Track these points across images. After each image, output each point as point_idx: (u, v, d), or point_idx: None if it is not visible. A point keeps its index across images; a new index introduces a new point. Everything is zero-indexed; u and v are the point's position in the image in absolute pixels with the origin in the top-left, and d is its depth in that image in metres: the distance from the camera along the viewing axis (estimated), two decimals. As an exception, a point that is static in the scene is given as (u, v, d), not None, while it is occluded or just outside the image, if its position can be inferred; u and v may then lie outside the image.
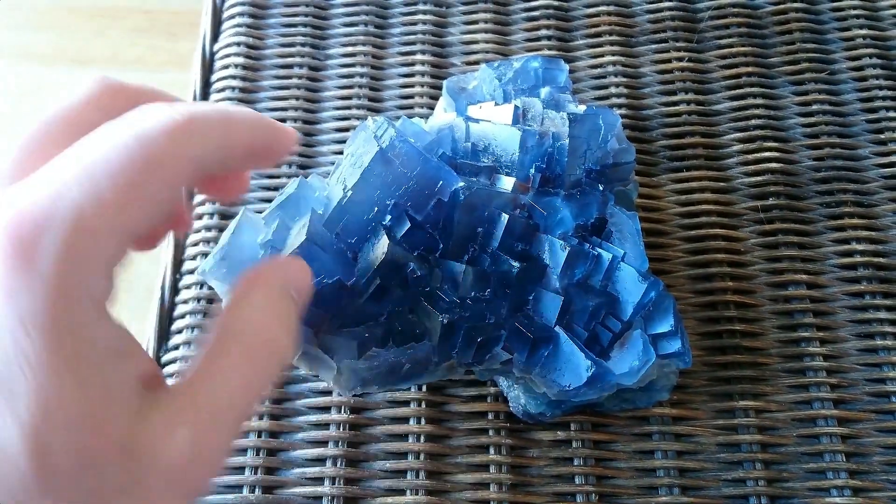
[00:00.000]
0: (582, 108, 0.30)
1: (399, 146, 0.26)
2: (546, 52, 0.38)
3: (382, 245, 0.26)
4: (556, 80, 0.32)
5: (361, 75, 0.38)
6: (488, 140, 0.29)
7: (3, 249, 0.16)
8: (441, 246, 0.27)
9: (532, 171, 0.28)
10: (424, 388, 0.31)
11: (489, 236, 0.27)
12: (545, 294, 0.27)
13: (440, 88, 0.38)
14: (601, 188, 0.29)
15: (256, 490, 0.29)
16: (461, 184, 0.27)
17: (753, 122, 0.37)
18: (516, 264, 0.27)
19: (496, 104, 0.30)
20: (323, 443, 0.30)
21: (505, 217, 0.27)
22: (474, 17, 0.40)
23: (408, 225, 0.26)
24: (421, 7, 0.40)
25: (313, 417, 0.31)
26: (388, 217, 0.27)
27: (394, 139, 0.26)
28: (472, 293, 0.27)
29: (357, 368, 0.26)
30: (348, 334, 0.26)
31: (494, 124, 0.29)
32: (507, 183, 0.28)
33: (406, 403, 0.31)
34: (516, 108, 0.29)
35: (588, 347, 0.27)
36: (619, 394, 0.29)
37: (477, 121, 0.29)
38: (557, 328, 0.27)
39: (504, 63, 0.33)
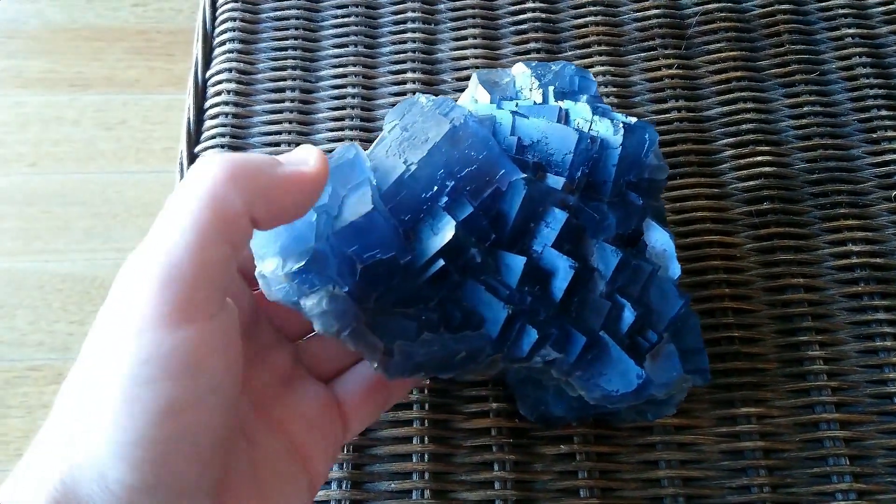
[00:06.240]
0: (633, 119, 0.30)
1: (472, 126, 0.26)
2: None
3: (448, 226, 0.25)
4: (590, 90, 0.32)
5: (353, 96, 0.38)
6: (537, 137, 0.28)
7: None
8: (493, 236, 0.26)
9: (578, 174, 0.28)
10: (427, 407, 0.31)
11: (542, 232, 0.27)
12: (591, 298, 0.27)
13: (432, 106, 0.38)
14: (641, 201, 0.29)
15: (263, 516, 0.29)
16: (523, 176, 0.26)
17: (745, 126, 0.37)
18: (575, 263, 0.26)
19: (535, 103, 0.30)
20: (328, 466, 0.30)
21: (564, 215, 0.26)
22: (463, 32, 0.40)
23: (469, 209, 0.26)
24: (410, 25, 0.40)
25: (317, 441, 0.31)
26: (445, 198, 0.26)
27: (467, 117, 0.26)
28: (525, 288, 0.26)
29: (413, 352, 0.25)
30: (403, 315, 0.25)
31: (549, 122, 0.28)
32: (556, 182, 0.27)
33: (409, 423, 0.31)
34: (560, 109, 0.29)
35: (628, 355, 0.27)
36: (637, 406, 0.29)
37: (526, 116, 0.28)
38: (603, 333, 0.27)
39: (541, 64, 0.32)
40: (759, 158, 0.36)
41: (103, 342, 0.19)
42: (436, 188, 0.26)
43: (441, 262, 0.25)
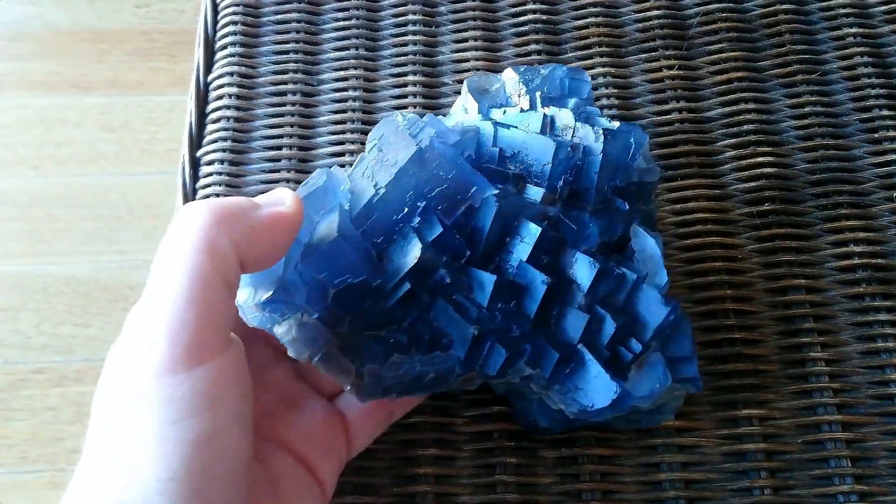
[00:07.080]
0: (616, 123, 0.30)
1: (438, 148, 0.26)
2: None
3: (415, 248, 0.26)
4: (581, 92, 0.32)
5: (354, 99, 0.38)
6: (517, 147, 0.28)
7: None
8: (468, 253, 0.26)
9: (560, 183, 0.28)
10: (428, 410, 0.31)
11: (517, 247, 0.27)
12: (570, 311, 0.27)
13: (432, 108, 0.38)
14: (627, 207, 0.29)
15: (266, 519, 0.30)
16: (495, 191, 0.26)
17: (746, 127, 0.37)
18: (548, 278, 0.26)
19: (522, 110, 0.30)
20: (330, 469, 0.30)
21: (537, 229, 0.26)
22: (464, 34, 0.40)
23: (439, 229, 0.26)
24: (411, 28, 0.40)
25: (319, 444, 0.31)
26: (417, 219, 0.26)
27: (433, 139, 0.26)
28: (498, 304, 0.26)
29: (382, 375, 0.25)
30: (374, 338, 0.26)
31: (527, 132, 0.28)
32: (536, 193, 0.27)
33: (410, 427, 0.31)
34: (545, 116, 0.29)
35: (607, 367, 0.26)
36: (626, 414, 0.29)
37: (507, 126, 0.28)
38: (581, 346, 0.27)
39: (530, 69, 0.32)
40: (761, 159, 0.36)
41: (126, 389, 0.20)
42: (406, 210, 0.26)
43: (408, 285, 0.26)
